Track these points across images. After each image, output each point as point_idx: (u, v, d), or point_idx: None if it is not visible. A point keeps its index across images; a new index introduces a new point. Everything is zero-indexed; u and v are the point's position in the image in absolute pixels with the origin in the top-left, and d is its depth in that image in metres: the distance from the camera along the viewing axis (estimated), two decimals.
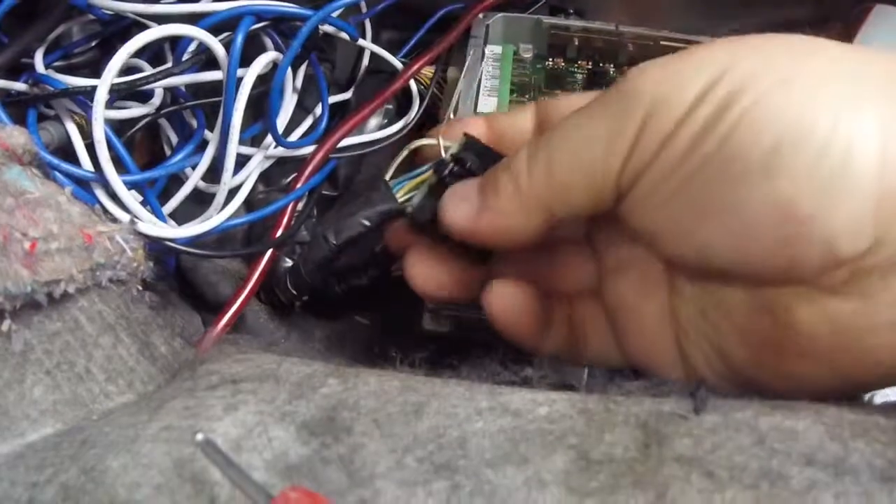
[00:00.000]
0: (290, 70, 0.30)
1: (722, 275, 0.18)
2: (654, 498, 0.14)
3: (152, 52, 0.30)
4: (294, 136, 0.32)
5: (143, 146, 0.32)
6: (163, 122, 0.30)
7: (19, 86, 0.27)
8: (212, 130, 0.28)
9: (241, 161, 0.29)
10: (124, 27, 0.29)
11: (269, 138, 0.30)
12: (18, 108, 0.26)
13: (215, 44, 0.26)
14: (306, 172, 0.29)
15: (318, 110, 0.32)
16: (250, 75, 0.26)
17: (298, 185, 0.28)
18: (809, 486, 0.13)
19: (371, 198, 0.25)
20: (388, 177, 0.24)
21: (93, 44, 0.29)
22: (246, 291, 0.26)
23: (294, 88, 0.32)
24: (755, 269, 0.17)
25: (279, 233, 0.28)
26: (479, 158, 0.22)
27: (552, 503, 0.15)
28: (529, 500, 0.15)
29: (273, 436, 0.17)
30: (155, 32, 0.25)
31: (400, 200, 0.23)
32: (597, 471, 0.15)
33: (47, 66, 0.27)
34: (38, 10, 0.28)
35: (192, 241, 0.26)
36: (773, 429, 0.15)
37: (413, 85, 0.35)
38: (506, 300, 0.22)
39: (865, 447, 0.14)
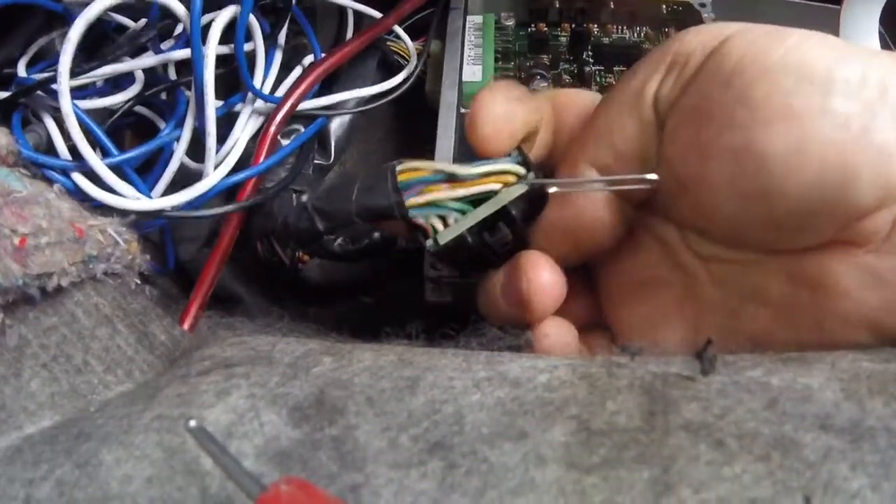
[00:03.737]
0: (266, 32, 0.28)
1: (761, 239, 0.18)
2: (659, 472, 0.13)
3: (135, 49, 0.30)
4: (280, 92, 0.30)
5: (133, 145, 0.31)
6: (152, 115, 0.30)
7: (3, 94, 0.26)
8: None
9: (230, 121, 0.28)
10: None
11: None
12: (5, 118, 0.26)
13: (175, 4, 0.25)
14: (278, 117, 0.27)
15: (307, 61, 0.31)
16: (214, 30, 0.25)
17: (270, 128, 0.27)
18: (824, 456, 0.12)
19: (369, 190, 0.21)
20: (399, 168, 0.21)
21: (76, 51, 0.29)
22: (221, 249, 0.25)
23: (279, 45, 0.30)
24: (805, 207, 0.17)
25: (247, 191, 0.27)
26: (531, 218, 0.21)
27: (551, 480, 0.14)
28: (527, 477, 0.14)
29: (264, 420, 0.17)
30: None
31: (409, 211, 0.21)
32: (598, 443, 0.14)
33: (31, 75, 0.27)
34: (18, 21, 0.28)
35: (181, 209, 0.26)
36: (785, 388, 0.14)
37: (409, 42, 0.33)
38: (554, 337, 0.21)
39: (883, 407, 0.12)
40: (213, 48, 0.25)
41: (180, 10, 0.25)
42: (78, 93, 0.27)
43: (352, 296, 0.29)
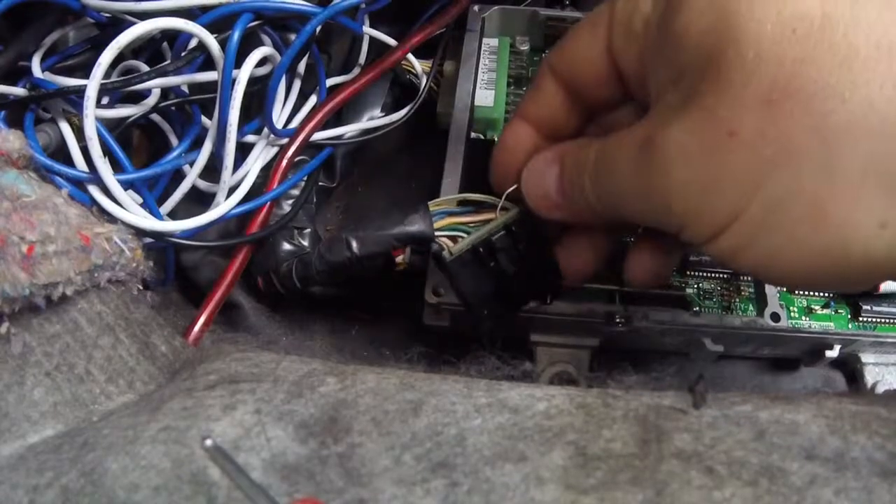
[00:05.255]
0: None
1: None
2: (652, 494, 0.14)
3: (151, 53, 0.30)
4: (294, 123, 0.31)
5: (142, 148, 0.32)
6: (163, 123, 0.30)
7: (17, 90, 0.27)
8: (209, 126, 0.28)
9: (243, 149, 0.29)
10: (121, 30, 0.29)
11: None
12: (16, 113, 0.26)
13: (208, 37, 0.25)
14: (289, 153, 0.28)
15: (315, 98, 0.32)
16: (244, 73, 0.26)
17: (283, 162, 0.28)
18: (810, 482, 0.13)
19: (407, 218, 0.25)
20: (430, 203, 0.25)
21: (90, 46, 0.29)
22: (227, 279, 0.26)
23: (297, 74, 0.31)
24: None
25: (256, 224, 0.27)
26: (528, 237, 0.24)
27: (550, 500, 0.14)
28: (527, 497, 0.15)
29: (271, 436, 0.17)
30: (144, 26, 0.24)
31: (436, 232, 0.25)
32: (595, 467, 0.15)
33: (45, 71, 0.27)
34: (33, 15, 0.28)
35: (189, 235, 0.26)
36: (773, 422, 0.15)
37: (417, 65, 0.34)
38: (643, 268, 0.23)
39: (866, 441, 0.13)
40: (241, 92, 0.26)
41: (214, 46, 0.26)
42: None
43: (350, 310, 0.30)
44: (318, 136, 0.30)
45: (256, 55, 0.27)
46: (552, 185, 0.22)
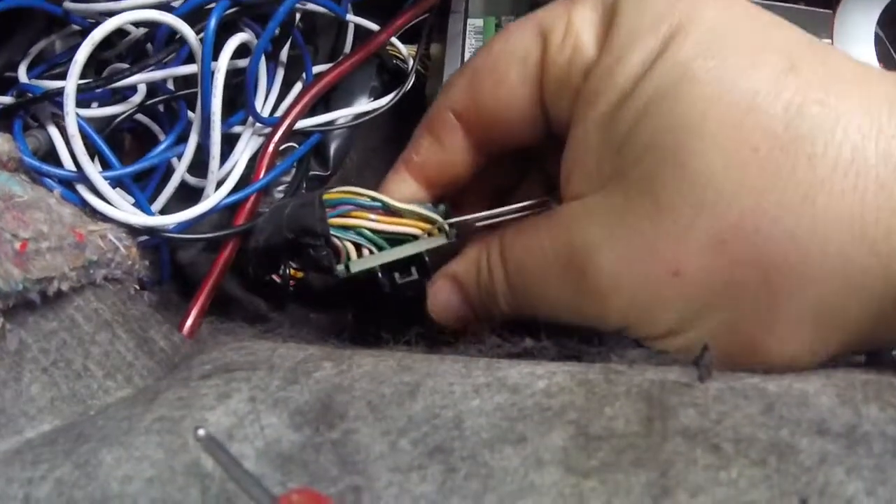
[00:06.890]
0: (268, 50, 0.29)
1: None
2: (656, 476, 0.14)
3: (136, 56, 0.30)
4: (280, 112, 0.31)
5: (133, 153, 0.32)
6: (152, 125, 0.30)
7: (4, 99, 0.27)
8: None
9: (231, 141, 0.29)
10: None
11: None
12: (5, 122, 0.26)
13: (183, 27, 0.25)
14: (274, 139, 0.28)
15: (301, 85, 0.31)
16: (223, 58, 0.25)
17: (268, 149, 0.28)
18: (820, 461, 0.12)
19: (304, 205, 0.21)
20: (326, 196, 0.21)
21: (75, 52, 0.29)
22: (216, 271, 0.26)
23: (280, 62, 0.31)
24: None
25: (243, 215, 0.27)
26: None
27: (550, 484, 0.14)
28: (526, 481, 0.14)
29: (265, 423, 0.17)
30: (118, 19, 0.24)
31: (332, 231, 0.21)
32: (596, 448, 0.15)
33: (32, 79, 0.27)
34: (18, 26, 0.28)
35: (180, 229, 0.26)
36: (781, 394, 0.14)
37: (403, 49, 0.34)
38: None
39: (879, 413, 0.13)
40: (221, 79, 0.25)
41: (191, 37, 0.25)
42: (79, 96, 0.27)
43: (348, 299, 0.29)
44: (306, 123, 0.30)
45: (234, 41, 0.26)
46: (461, 309, 0.21)
